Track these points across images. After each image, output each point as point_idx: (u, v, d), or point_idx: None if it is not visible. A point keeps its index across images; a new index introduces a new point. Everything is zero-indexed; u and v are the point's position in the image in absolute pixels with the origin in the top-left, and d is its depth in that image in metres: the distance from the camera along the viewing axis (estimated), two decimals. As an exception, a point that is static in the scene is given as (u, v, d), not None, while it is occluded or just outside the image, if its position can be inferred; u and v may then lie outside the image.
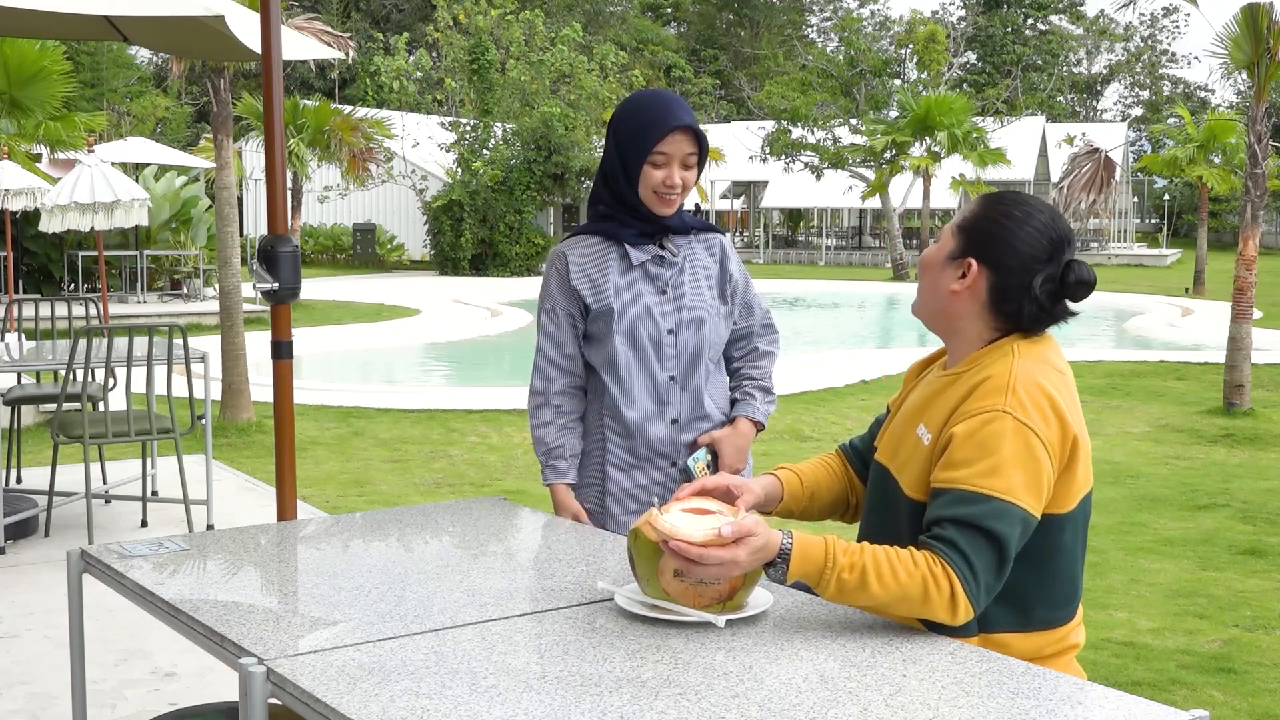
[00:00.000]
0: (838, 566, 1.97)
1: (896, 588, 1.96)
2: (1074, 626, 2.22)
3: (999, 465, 2.01)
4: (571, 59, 33.00)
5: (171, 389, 5.84)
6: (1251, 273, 10.19)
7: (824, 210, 43.20)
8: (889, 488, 2.23)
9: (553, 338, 2.93)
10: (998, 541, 1.99)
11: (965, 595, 1.96)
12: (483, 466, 8.01)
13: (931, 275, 2.26)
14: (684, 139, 2.80)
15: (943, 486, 2.05)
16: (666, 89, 3.03)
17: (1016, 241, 2.18)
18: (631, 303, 2.88)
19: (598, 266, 2.90)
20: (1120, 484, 7.64)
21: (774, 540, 1.99)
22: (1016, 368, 2.11)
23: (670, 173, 2.81)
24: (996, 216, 2.21)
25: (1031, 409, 2.06)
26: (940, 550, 1.98)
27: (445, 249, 31.35)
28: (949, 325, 2.25)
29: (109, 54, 39.49)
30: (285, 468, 3.85)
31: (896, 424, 2.29)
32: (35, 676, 4.11)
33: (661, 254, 2.91)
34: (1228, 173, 26.92)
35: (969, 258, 2.21)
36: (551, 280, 2.93)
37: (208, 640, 2.05)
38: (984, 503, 2.00)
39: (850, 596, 1.99)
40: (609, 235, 2.91)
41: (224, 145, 9.21)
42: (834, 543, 2.00)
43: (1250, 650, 4.62)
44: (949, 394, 2.17)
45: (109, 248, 18.41)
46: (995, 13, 65.67)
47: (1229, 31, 10.21)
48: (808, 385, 11.67)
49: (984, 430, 2.04)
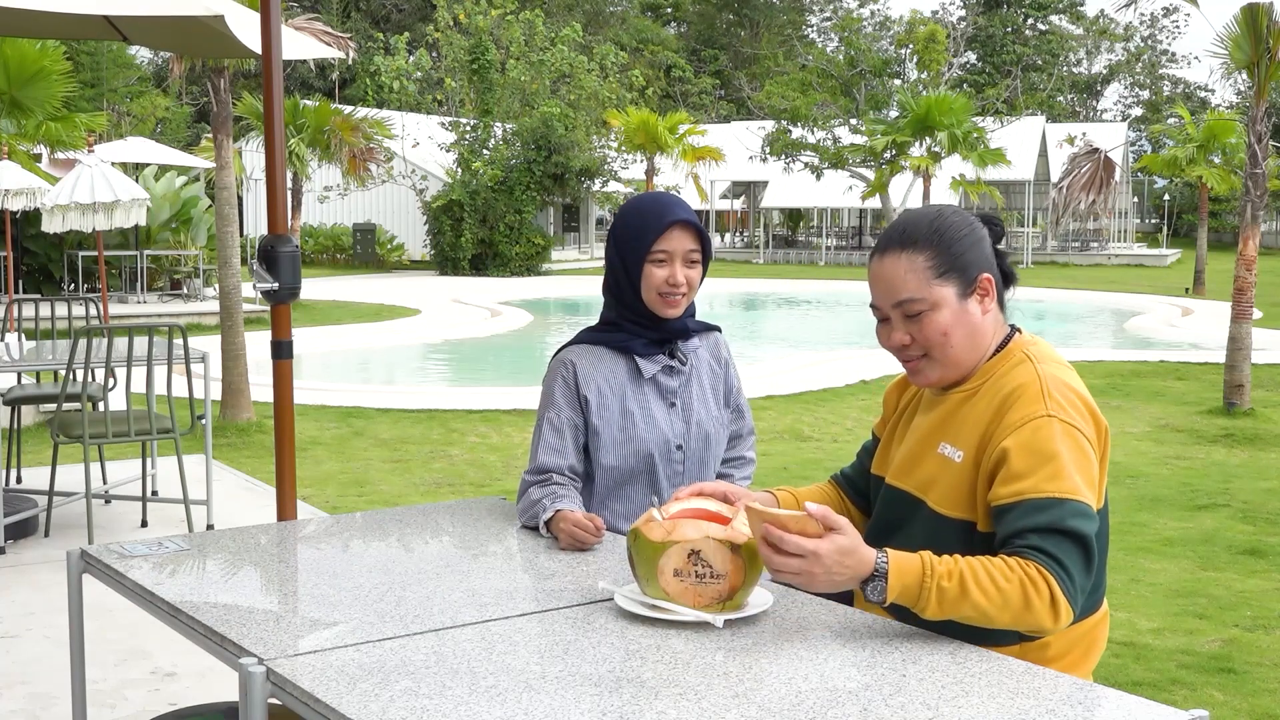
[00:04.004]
0: (936, 575, 1.93)
1: (997, 594, 1.92)
2: (1103, 615, 2.23)
3: (1061, 468, 2.01)
4: (571, 59, 33.01)
5: (171, 389, 5.84)
6: (1251, 273, 10.19)
7: (824, 210, 43.18)
8: (909, 508, 2.19)
9: (553, 445, 2.75)
10: (1082, 540, 1.98)
11: (1065, 596, 1.94)
12: (483, 466, 8.01)
13: (961, 328, 2.16)
14: (685, 235, 2.70)
15: (1011, 501, 2.02)
16: (664, 191, 2.91)
17: (972, 234, 2.20)
18: (643, 419, 2.76)
19: (607, 379, 2.78)
20: (1120, 484, 7.64)
21: (865, 554, 1.93)
22: (1042, 372, 2.12)
23: (673, 271, 2.70)
24: (947, 230, 2.18)
25: (1070, 409, 2.07)
26: (1032, 556, 1.96)
27: (445, 249, 31.35)
28: (979, 353, 2.20)
29: (109, 54, 39.46)
30: (285, 468, 3.85)
31: (908, 447, 2.26)
32: (35, 676, 4.11)
33: (671, 364, 2.80)
34: (1228, 173, 26.91)
35: (979, 274, 2.19)
36: (556, 388, 2.78)
37: (208, 640, 2.05)
38: (1059, 506, 1.98)
39: (952, 608, 1.93)
40: (618, 346, 2.79)
41: (224, 145, 9.21)
42: (928, 555, 1.96)
43: (1250, 650, 4.62)
44: (971, 411, 2.15)
45: (109, 248, 18.40)
46: (995, 13, 65.66)
47: (1229, 31, 10.21)
48: (808, 385, 11.67)
49: (1036, 437, 2.03)
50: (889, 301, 2.17)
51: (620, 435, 2.76)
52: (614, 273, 2.78)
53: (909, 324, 2.17)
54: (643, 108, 34.86)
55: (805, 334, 19.55)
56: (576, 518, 2.55)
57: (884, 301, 2.18)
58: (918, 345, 2.18)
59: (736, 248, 45.76)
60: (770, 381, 11.96)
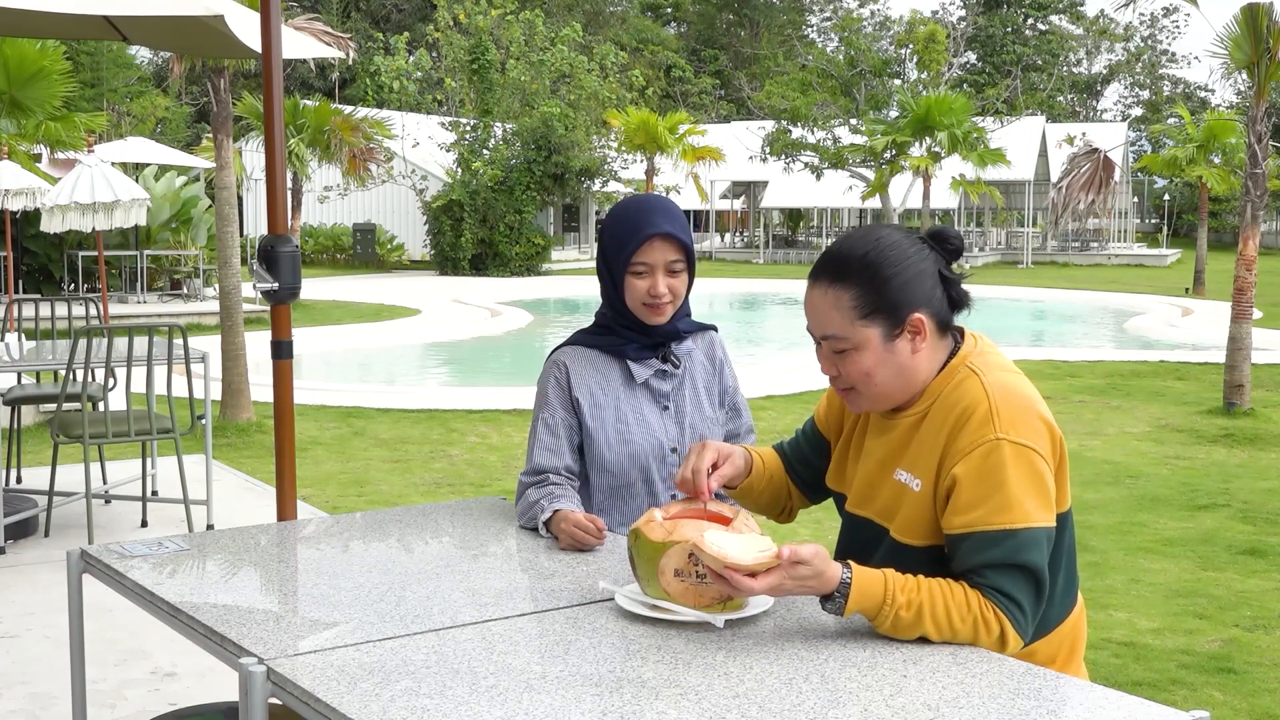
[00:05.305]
0: (896, 605, 1.95)
1: (949, 630, 1.96)
2: (1080, 611, 2.23)
3: (1010, 498, 1.99)
4: (571, 59, 33.02)
5: (171, 389, 5.84)
6: (1251, 273, 10.19)
7: (824, 210, 43.20)
8: (873, 536, 2.18)
9: (548, 446, 2.75)
10: (1033, 572, 1.99)
11: (1014, 631, 1.97)
12: (483, 466, 8.01)
13: (886, 369, 2.10)
14: (665, 246, 2.66)
15: (961, 533, 2.02)
16: (655, 195, 2.86)
17: (906, 269, 2.11)
18: (637, 424, 2.75)
19: (599, 383, 2.77)
20: (1120, 484, 7.64)
21: (830, 573, 1.95)
22: (988, 386, 2.07)
23: (654, 282, 2.67)
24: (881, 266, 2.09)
25: (1021, 425, 2.03)
26: (988, 595, 1.98)
27: (445, 249, 31.35)
28: (913, 388, 2.14)
29: (109, 54, 39.46)
30: (285, 468, 3.85)
31: (864, 472, 2.23)
32: (35, 676, 4.11)
33: (664, 367, 2.78)
34: (1227, 173, 26.92)
35: (910, 314, 2.10)
36: (550, 389, 2.78)
37: (208, 640, 2.05)
38: (1009, 539, 1.98)
39: (903, 633, 1.97)
40: (611, 350, 2.79)
41: (224, 145, 9.21)
42: (892, 579, 1.97)
43: (1250, 650, 4.62)
44: (924, 434, 2.12)
45: (109, 248, 18.40)
46: (995, 13, 65.67)
47: (1229, 31, 10.21)
48: (808, 385, 11.67)
49: (986, 465, 2.01)
50: (816, 333, 2.16)
51: (614, 439, 2.75)
52: (602, 279, 2.79)
53: (835, 358, 2.15)
54: (643, 108, 34.88)
55: (805, 334, 19.52)
56: (577, 518, 2.52)
57: (813, 330, 2.17)
58: (844, 379, 2.16)
59: (736, 248, 45.75)
60: (770, 381, 11.96)
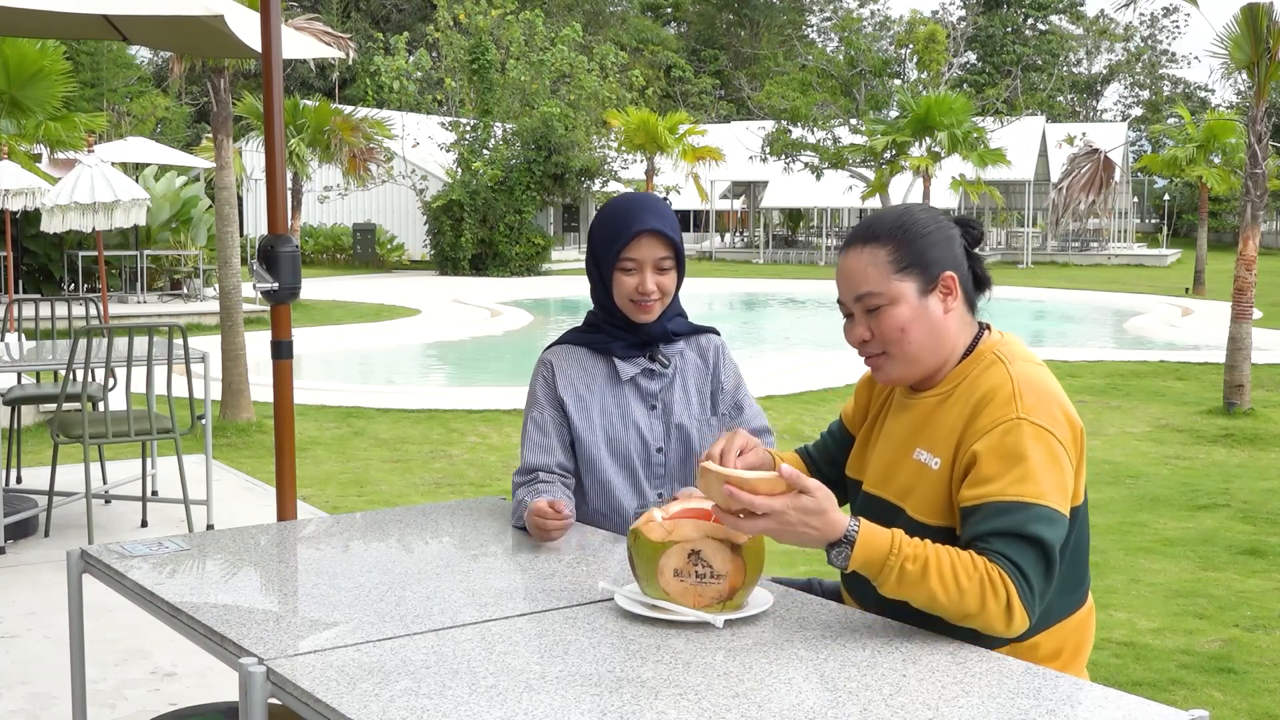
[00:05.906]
0: (902, 555, 1.94)
1: (955, 589, 1.93)
2: (1089, 610, 2.22)
3: (1028, 472, 1.99)
4: (571, 59, 33.02)
5: (171, 389, 5.84)
6: (1251, 273, 10.19)
7: (824, 210, 43.19)
8: (888, 516, 2.18)
9: (538, 444, 2.78)
10: (1043, 546, 1.97)
11: (1021, 603, 1.94)
12: (483, 466, 8.01)
13: (920, 325, 2.15)
14: (654, 243, 2.67)
15: (975, 503, 2.02)
16: (645, 193, 2.87)
17: (938, 231, 2.19)
18: (620, 422, 2.74)
19: (585, 381, 2.77)
20: (1120, 484, 7.64)
21: (835, 517, 1.95)
22: (1014, 373, 2.10)
23: (642, 279, 2.68)
24: (912, 226, 2.18)
25: (1043, 411, 2.05)
26: (995, 560, 1.96)
27: (445, 249, 31.36)
28: (943, 353, 2.18)
29: (109, 54, 39.45)
30: (285, 468, 3.85)
31: (884, 452, 2.25)
32: (35, 676, 4.11)
33: (651, 366, 2.77)
34: (1228, 173, 26.92)
35: (942, 271, 2.17)
36: (538, 388, 2.81)
37: (208, 640, 2.05)
38: (1023, 510, 1.97)
39: (909, 589, 1.95)
40: (598, 348, 2.79)
41: (224, 145, 9.21)
42: (899, 535, 1.98)
43: (1250, 650, 4.62)
44: (945, 415, 2.14)
45: (109, 248, 18.40)
46: (995, 13, 65.66)
47: (1229, 31, 10.21)
48: (808, 385, 11.68)
49: (1006, 441, 2.02)
50: (850, 295, 2.18)
51: (599, 437, 2.75)
52: (591, 277, 2.79)
53: (869, 319, 2.17)
54: (643, 108, 34.88)
55: (805, 334, 19.54)
56: (538, 506, 2.50)
57: (846, 295, 2.19)
58: (877, 341, 2.18)
59: (736, 248, 45.75)
60: (770, 381, 11.96)
